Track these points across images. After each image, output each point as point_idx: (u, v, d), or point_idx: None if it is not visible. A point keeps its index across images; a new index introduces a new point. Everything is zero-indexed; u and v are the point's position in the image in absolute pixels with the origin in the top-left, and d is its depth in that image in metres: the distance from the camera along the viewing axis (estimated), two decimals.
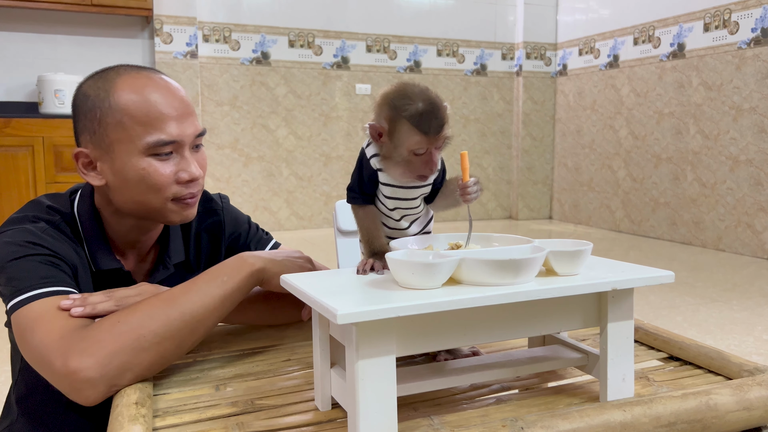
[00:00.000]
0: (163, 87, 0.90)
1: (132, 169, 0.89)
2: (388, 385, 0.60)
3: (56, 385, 0.74)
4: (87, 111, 0.90)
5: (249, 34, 5.14)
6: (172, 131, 0.89)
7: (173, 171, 0.91)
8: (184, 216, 0.96)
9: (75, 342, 0.74)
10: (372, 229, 0.80)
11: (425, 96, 0.75)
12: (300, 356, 0.90)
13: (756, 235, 4.21)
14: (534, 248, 0.72)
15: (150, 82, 0.90)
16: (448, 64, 5.83)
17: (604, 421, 0.63)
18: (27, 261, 0.84)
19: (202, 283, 0.82)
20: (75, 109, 0.93)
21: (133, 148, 0.89)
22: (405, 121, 0.74)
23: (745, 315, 2.88)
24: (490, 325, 0.67)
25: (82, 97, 0.92)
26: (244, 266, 0.84)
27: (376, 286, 0.66)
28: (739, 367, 0.78)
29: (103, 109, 0.88)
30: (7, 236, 0.87)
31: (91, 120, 0.90)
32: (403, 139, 0.74)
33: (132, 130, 0.88)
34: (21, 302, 0.80)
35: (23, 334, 0.78)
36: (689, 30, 4.64)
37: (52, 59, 4.57)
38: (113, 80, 0.90)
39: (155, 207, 0.93)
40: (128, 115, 0.88)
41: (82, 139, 0.93)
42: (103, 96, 0.89)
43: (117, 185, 0.92)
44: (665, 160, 4.89)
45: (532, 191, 6.18)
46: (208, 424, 0.68)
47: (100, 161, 0.92)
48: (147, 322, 0.76)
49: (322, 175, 5.49)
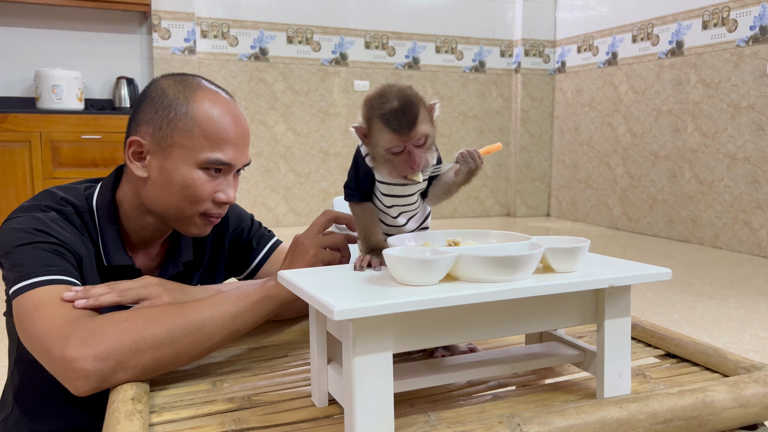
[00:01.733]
0: (235, 114, 0.95)
1: (180, 175, 0.93)
2: (384, 381, 0.60)
3: (51, 370, 0.75)
4: (161, 107, 0.93)
5: (247, 30, 5.13)
6: (230, 155, 0.94)
7: (214, 189, 0.95)
8: (202, 231, 1.00)
9: (77, 330, 0.74)
10: (369, 226, 0.80)
11: (401, 95, 0.74)
12: (297, 352, 0.90)
13: (753, 233, 4.21)
14: (531, 245, 0.72)
15: (227, 106, 0.95)
16: (447, 61, 5.82)
17: (600, 418, 0.63)
18: (33, 248, 0.85)
19: (217, 298, 0.82)
20: (146, 99, 0.95)
21: (191, 157, 0.92)
22: (377, 120, 0.74)
23: (741, 312, 2.89)
24: (487, 322, 0.67)
25: (159, 92, 0.94)
26: (262, 289, 0.84)
27: (373, 283, 0.66)
28: (736, 364, 0.78)
29: (179, 113, 0.92)
30: (17, 222, 0.88)
31: (162, 117, 0.92)
32: (378, 139, 0.74)
33: (198, 141, 0.92)
34: (24, 288, 0.81)
35: (23, 320, 0.79)
36: (688, 28, 4.64)
37: (49, 54, 4.55)
38: (195, 90, 0.94)
39: (183, 215, 0.96)
40: (199, 127, 0.92)
41: (142, 129, 0.94)
42: (182, 101, 0.93)
43: (158, 183, 0.94)
44: (663, 157, 4.90)
45: (530, 188, 6.18)
46: (205, 420, 0.68)
47: (151, 155, 0.94)
48: (150, 325, 0.76)
49: (320, 172, 5.49)
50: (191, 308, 0.79)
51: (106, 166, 4.20)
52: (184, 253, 1.06)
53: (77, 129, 4.13)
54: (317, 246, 0.88)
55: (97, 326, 0.75)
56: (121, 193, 0.99)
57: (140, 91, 0.97)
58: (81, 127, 4.14)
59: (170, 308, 0.79)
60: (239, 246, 1.14)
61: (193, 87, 0.94)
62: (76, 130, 4.13)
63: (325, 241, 0.89)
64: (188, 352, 0.78)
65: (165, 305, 0.80)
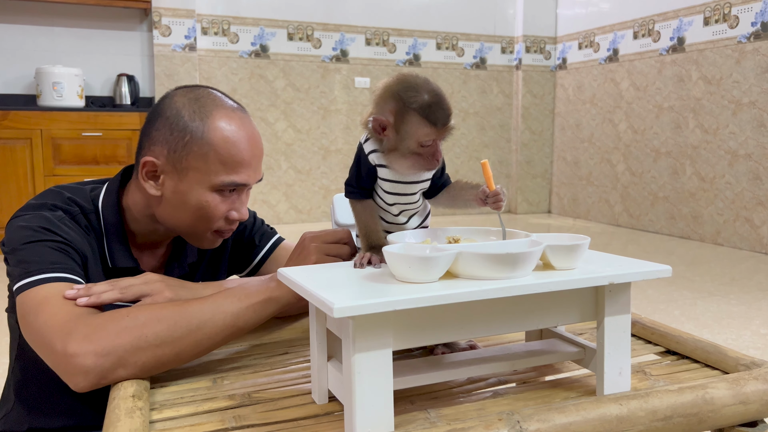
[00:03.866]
0: (250, 134, 0.95)
1: (194, 197, 0.93)
2: (384, 378, 0.60)
3: (52, 366, 0.75)
4: (176, 129, 0.92)
5: (248, 27, 5.12)
6: (244, 177, 0.94)
7: (227, 208, 0.95)
8: (213, 245, 1.01)
9: (80, 327, 0.75)
10: (369, 224, 0.80)
11: (429, 87, 0.75)
12: (297, 350, 0.90)
13: (754, 230, 4.21)
14: (531, 242, 0.72)
15: (242, 127, 0.94)
16: (448, 58, 5.81)
17: (600, 415, 0.63)
18: (39, 246, 0.86)
19: (219, 297, 0.82)
20: (160, 117, 0.94)
21: (205, 180, 0.92)
22: (414, 113, 0.74)
23: (742, 309, 2.89)
24: (487, 319, 0.67)
25: (174, 112, 0.93)
26: (265, 291, 0.84)
27: (373, 280, 0.66)
28: (736, 361, 0.78)
29: (195, 137, 0.91)
30: (24, 220, 0.90)
31: (177, 139, 0.92)
32: (412, 132, 0.74)
33: (213, 165, 0.92)
34: (29, 284, 0.82)
35: (27, 315, 0.80)
36: (689, 24, 4.63)
37: (50, 51, 4.55)
38: (210, 111, 0.92)
39: (195, 232, 0.97)
40: (215, 152, 0.91)
41: (157, 149, 0.93)
42: (198, 124, 0.91)
43: (172, 202, 0.95)
44: (664, 154, 4.89)
45: (531, 185, 6.18)
46: (205, 417, 0.68)
47: (165, 176, 0.94)
48: (152, 323, 0.76)
49: (321, 169, 5.49)
50: (193, 307, 0.79)
51: (107, 164, 4.20)
52: (190, 255, 1.07)
53: (78, 126, 4.14)
54: (320, 253, 0.88)
55: (100, 323, 0.75)
56: (130, 199, 1.00)
57: (154, 104, 0.97)
58: (82, 124, 4.14)
59: (172, 307, 0.79)
60: (241, 243, 1.14)
61: (209, 107, 0.93)
62: (77, 128, 4.13)
63: (330, 249, 0.89)
64: (189, 350, 0.78)
65: (167, 303, 0.81)
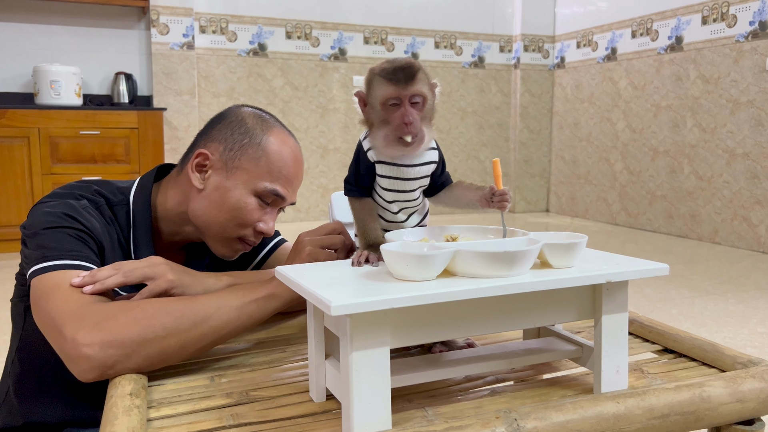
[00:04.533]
0: (299, 159, 1.05)
1: (235, 196, 0.99)
2: (382, 376, 0.60)
3: (59, 351, 0.76)
4: (237, 131, 1.01)
5: (246, 26, 5.12)
6: (285, 191, 1.02)
7: (259, 218, 1.01)
8: (230, 255, 1.04)
9: (92, 314, 0.75)
10: (368, 221, 0.80)
11: (403, 60, 0.77)
12: (295, 348, 0.90)
13: (752, 229, 4.22)
14: (529, 240, 0.72)
15: (294, 150, 1.04)
16: (446, 56, 5.81)
17: (597, 413, 0.63)
18: (59, 232, 0.88)
19: (224, 293, 0.84)
20: (224, 120, 1.03)
21: (251, 182, 0.99)
22: (377, 77, 0.77)
23: (740, 308, 2.89)
24: (485, 317, 0.67)
25: (239, 119, 1.02)
26: (268, 287, 0.85)
27: (371, 278, 0.66)
28: (733, 359, 0.78)
29: (253, 141, 1.00)
30: (48, 206, 0.92)
31: (236, 140, 1.00)
32: (376, 94, 0.77)
33: (262, 169, 0.99)
34: (44, 269, 0.83)
35: (39, 299, 0.80)
36: (687, 23, 4.64)
37: (48, 50, 4.54)
38: (272, 127, 1.03)
39: (222, 233, 1.01)
40: (267, 159, 1.00)
41: (213, 145, 1.01)
42: (259, 132, 1.01)
43: (212, 198, 1.00)
44: (662, 153, 4.90)
45: (529, 184, 6.18)
46: (203, 415, 0.68)
47: (214, 171, 1.00)
48: (160, 314, 0.77)
49: (319, 167, 5.48)
50: (199, 301, 0.81)
51: (104, 162, 4.20)
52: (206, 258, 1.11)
53: (76, 125, 4.13)
54: (314, 244, 0.91)
55: (111, 312, 0.76)
56: (162, 196, 1.04)
57: (219, 113, 1.06)
58: (79, 122, 4.14)
59: (179, 300, 0.81)
60: None
61: (270, 125, 1.03)
62: (75, 126, 4.13)
63: (324, 241, 0.92)
64: (193, 344, 0.79)
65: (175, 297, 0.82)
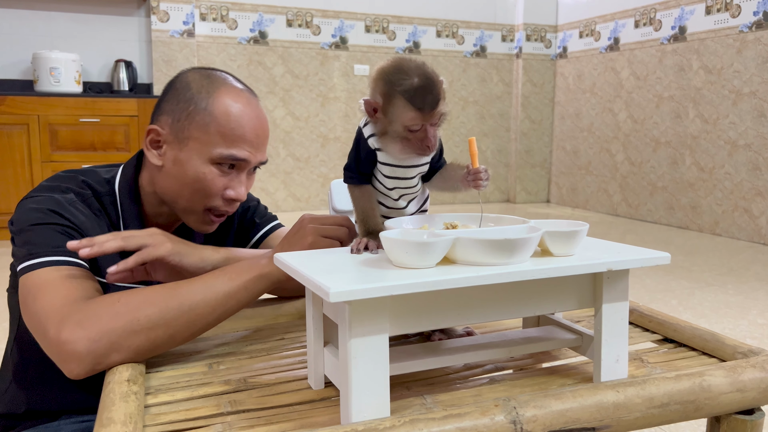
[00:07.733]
0: (255, 113, 0.97)
1: (192, 168, 0.95)
2: (380, 363, 0.60)
3: (47, 352, 0.75)
4: (182, 99, 0.95)
5: (246, 13, 5.09)
6: (244, 153, 0.95)
7: (225, 185, 0.96)
8: (204, 228, 1.01)
9: (73, 312, 0.75)
10: (367, 209, 0.79)
11: (421, 71, 0.73)
12: (293, 335, 0.90)
13: (753, 220, 4.21)
14: (529, 228, 0.71)
15: (247, 105, 0.96)
16: (448, 45, 5.78)
17: (597, 402, 0.63)
18: (46, 228, 0.87)
19: (210, 277, 0.82)
20: (171, 90, 0.98)
21: (205, 151, 0.94)
22: (400, 97, 0.73)
23: (740, 299, 2.89)
24: (485, 305, 0.66)
25: (183, 84, 0.97)
26: (255, 267, 0.83)
27: (370, 265, 0.65)
28: (733, 349, 0.78)
29: (198, 107, 0.94)
30: (34, 202, 0.90)
31: (182, 109, 0.95)
32: (398, 115, 0.73)
33: (213, 136, 0.94)
34: (31, 266, 0.82)
35: (26, 298, 0.80)
36: (691, 13, 4.61)
37: (47, 36, 4.52)
38: (218, 86, 0.96)
39: (190, 207, 0.98)
40: (216, 123, 0.94)
41: (162, 119, 0.97)
42: (204, 95, 0.94)
43: (171, 173, 0.96)
44: (664, 144, 4.88)
45: (530, 174, 6.17)
46: (201, 402, 0.68)
47: (167, 145, 0.96)
48: (144, 306, 0.76)
49: (320, 157, 5.47)
50: (184, 289, 0.79)
51: (104, 150, 4.19)
52: (197, 238, 1.08)
53: (75, 112, 4.11)
54: (317, 234, 0.87)
55: (93, 308, 0.75)
56: (142, 178, 1.02)
57: (168, 82, 1.01)
58: (79, 110, 4.12)
59: (163, 289, 0.79)
60: (243, 224, 1.16)
61: (217, 83, 0.96)
62: (75, 113, 4.11)
63: (327, 231, 0.88)
64: (182, 332, 0.78)
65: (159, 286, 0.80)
